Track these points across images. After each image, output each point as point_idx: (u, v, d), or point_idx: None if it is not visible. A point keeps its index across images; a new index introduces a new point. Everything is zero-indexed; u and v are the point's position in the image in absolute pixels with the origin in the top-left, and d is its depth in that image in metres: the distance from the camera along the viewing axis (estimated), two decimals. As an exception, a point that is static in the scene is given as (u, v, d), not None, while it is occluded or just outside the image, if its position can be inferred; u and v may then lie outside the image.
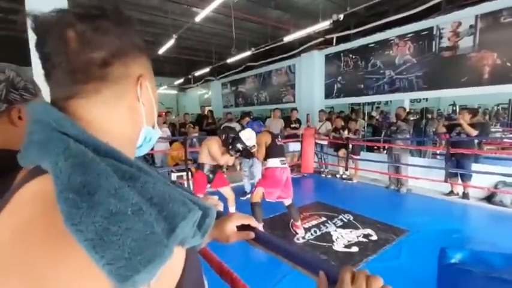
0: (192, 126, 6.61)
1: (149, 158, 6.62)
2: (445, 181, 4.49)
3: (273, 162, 3.11)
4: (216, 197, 0.80)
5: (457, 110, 9.46)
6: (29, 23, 0.37)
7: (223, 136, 3.10)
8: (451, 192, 4.60)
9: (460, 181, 4.47)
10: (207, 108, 11.31)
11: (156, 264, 0.28)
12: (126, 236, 0.27)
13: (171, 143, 5.82)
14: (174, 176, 4.90)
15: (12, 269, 0.27)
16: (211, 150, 3.10)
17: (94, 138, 0.34)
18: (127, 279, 0.26)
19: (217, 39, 9.07)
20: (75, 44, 0.35)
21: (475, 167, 4.41)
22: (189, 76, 12.66)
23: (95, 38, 0.36)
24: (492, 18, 4.28)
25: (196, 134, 6.59)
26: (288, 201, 3.22)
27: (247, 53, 7.65)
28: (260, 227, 0.69)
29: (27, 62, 1.66)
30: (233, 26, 6.53)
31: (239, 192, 4.42)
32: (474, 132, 4.14)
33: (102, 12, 0.38)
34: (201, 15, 5.84)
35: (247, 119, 5.02)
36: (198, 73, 11.31)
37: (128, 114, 0.41)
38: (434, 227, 3.33)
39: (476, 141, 4.71)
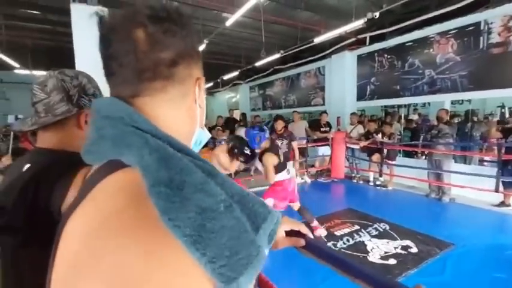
0: (221, 129, 6.70)
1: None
2: (496, 191, 4.04)
3: (280, 176, 2.95)
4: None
5: (507, 112, 8.59)
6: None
7: (230, 144, 2.87)
8: (502, 203, 4.14)
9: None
10: (235, 112, 11.45)
11: (255, 265, 0.27)
12: (222, 234, 0.26)
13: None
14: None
15: (101, 256, 0.27)
16: (221, 161, 3.03)
17: (167, 134, 0.34)
18: (231, 281, 0.25)
19: (246, 43, 9.15)
20: (146, 44, 0.36)
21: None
22: (218, 80, 12.95)
23: (164, 39, 0.37)
24: (553, 9, 3.81)
25: (225, 137, 6.68)
26: (296, 205, 3.14)
27: (276, 56, 7.62)
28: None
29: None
30: (262, 30, 6.54)
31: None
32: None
33: (169, 15, 0.38)
34: (231, 19, 5.93)
35: (281, 122, 4.83)
36: (226, 77, 11.53)
37: (187, 114, 0.42)
38: (483, 241, 3.01)
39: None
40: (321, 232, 3.20)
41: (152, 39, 0.36)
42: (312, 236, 0.65)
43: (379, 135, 5.37)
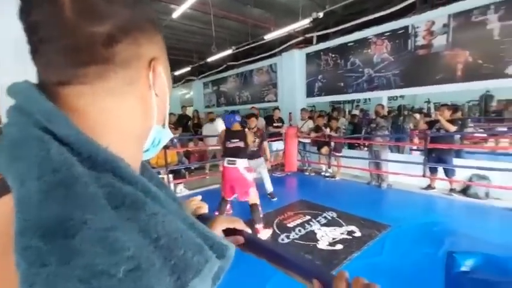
0: (173, 127, 6.40)
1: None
2: (423, 176, 4.62)
3: (224, 161, 3.23)
4: (198, 197, 0.73)
5: (432, 106, 9.89)
6: None
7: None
8: (428, 186, 4.74)
9: (439, 175, 4.61)
10: (188, 109, 11.05)
11: None
12: None
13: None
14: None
15: None
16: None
17: (91, 141, 0.26)
18: None
19: (196, 38, 8.87)
20: (72, 13, 0.26)
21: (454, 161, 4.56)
22: (169, 76, 12.37)
23: (99, 5, 0.28)
24: (464, 18, 4.45)
25: (177, 135, 6.39)
26: (251, 201, 3.14)
27: (228, 52, 7.54)
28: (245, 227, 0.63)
29: None
30: (212, 24, 6.39)
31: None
32: (452, 128, 4.28)
33: None
34: (178, 11, 5.66)
35: (254, 120, 4.55)
36: (178, 73, 11.06)
37: (138, 106, 0.32)
38: (415, 220, 3.39)
39: (458, 136, 4.86)
40: (265, 234, 3.12)
41: (81, 5, 0.27)
42: (249, 231, 0.63)
43: (327, 129, 5.70)
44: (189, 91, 13.87)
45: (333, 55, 6.53)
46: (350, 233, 3.12)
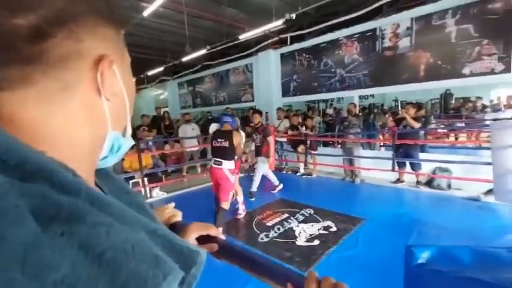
0: (146, 129, 6.19)
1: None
2: (392, 170, 4.89)
3: (212, 161, 3.35)
4: (172, 205, 0.71)
5: (399, 105, 10.47)
6: None
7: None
8: (397, 180, 5.02)
9: (407, 169, 4.91)
10: (162, 110, 10.72)
11: None
12: None
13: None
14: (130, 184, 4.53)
15: None
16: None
17: (19, 147, 0.21)
18: None
19: (170, 37, 8.67)
20: None
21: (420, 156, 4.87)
22: (142, 76, 11.92)
23: None
24: (425, 21, 4.77)
25: (151, 138, 6.20)
26: (223, 204, 3.12)
27: (203, 51, 7.44)
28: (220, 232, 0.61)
29: None
30: (186, 23, 6.27)
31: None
32: (417, 125, 4.58)
33: None
34: (149, 9, 5.50)
35: (258, 116, 4.85)
36: (151, 72, 10.71)
37: (81, 113, 0.28)
38: (386, 213, 3.59)
39: (422, 132, 5.20)
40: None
41: None
42: (223, 238, 0.62)
43: (303, 128, 5.84)
44: (163, 92, 13.48)
45: (307, 56, 6.70)
46: (327, 228, 3.23)
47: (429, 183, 4.75)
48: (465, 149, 6.07)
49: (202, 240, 0.60)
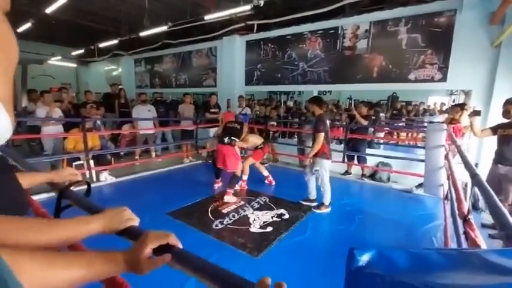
0: (94, 106, 5.62)
1: (36, 144, 5.39)
2: (343, 161, 5.28)
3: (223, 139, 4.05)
4: (127, 209, 0.70)
5: (352, 103, 11.21)
6: None
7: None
8: (346, 172, 5.44)
9: (355, 162, 5.33)
10: (119, 87, 9.86)
11: None
12: None
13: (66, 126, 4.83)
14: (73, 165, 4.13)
15: None
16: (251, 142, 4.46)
17: None
18: None
19: (126, 7, 7.86)
20: None
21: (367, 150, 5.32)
22: (92, 47, 10.71)
23: None
24: (381, 26, 5.12)
25: (99, 116, 5.68)
26: (236, 172, 4.01)
27: (163, 28, 6.94)
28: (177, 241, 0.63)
29: None
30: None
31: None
32: (364, 122, 4.99)
33: None
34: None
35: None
36: (103, 44, 9.66)
37: None
38: (334, 202, 3.87)
39: (371, 129, 5.66)
40: (228, 198, 3.78)
41: None
42: (181, 246, 0.61)
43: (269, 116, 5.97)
44: (117, 67, 12.35)
45: (272, 46, 6.72)
46: (280, 215, 3.37)
47: (372, 176, 5.25)
48: (405, 146, 6.80)
49: (161, 250, 0.59)
